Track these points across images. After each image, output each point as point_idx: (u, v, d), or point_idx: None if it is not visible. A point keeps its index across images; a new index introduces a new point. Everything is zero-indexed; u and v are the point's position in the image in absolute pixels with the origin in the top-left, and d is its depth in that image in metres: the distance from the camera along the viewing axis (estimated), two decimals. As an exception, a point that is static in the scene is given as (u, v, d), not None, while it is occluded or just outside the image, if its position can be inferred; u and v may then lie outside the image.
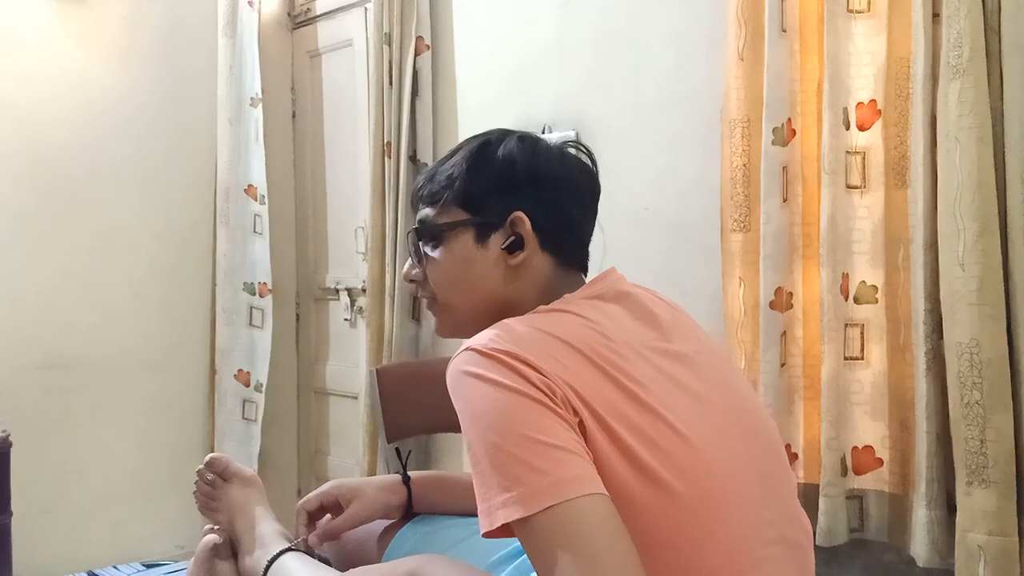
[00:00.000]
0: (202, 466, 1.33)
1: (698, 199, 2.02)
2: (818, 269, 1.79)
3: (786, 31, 1.79)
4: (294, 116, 3.29)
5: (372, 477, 1.33)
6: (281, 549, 1.16)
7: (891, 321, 1.71)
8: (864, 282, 1.73)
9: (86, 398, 2.83)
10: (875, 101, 1.71)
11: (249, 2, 3.03)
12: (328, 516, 1.27)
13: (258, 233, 3.04)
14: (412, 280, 1.07)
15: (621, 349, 0.87)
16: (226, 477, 1.32)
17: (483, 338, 0.86)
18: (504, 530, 0.78)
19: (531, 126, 2.33)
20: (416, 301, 2.61)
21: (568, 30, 2.32)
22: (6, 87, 2.69)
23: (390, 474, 1.34)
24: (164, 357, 2.99)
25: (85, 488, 2.82)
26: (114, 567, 2.83)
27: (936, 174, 1.58)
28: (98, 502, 2.85)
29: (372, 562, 1.21)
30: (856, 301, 1.73)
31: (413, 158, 2.64)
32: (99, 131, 2.85)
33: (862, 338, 1.73)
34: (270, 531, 1.21)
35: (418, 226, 1.04)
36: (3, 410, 2.56)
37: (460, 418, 0.83)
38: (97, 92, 2.85)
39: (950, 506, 1.60)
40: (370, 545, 1.29)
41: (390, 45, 2.64)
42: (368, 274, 2.73)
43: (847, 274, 1.73)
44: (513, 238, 0.98)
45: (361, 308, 2.97)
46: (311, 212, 3.25)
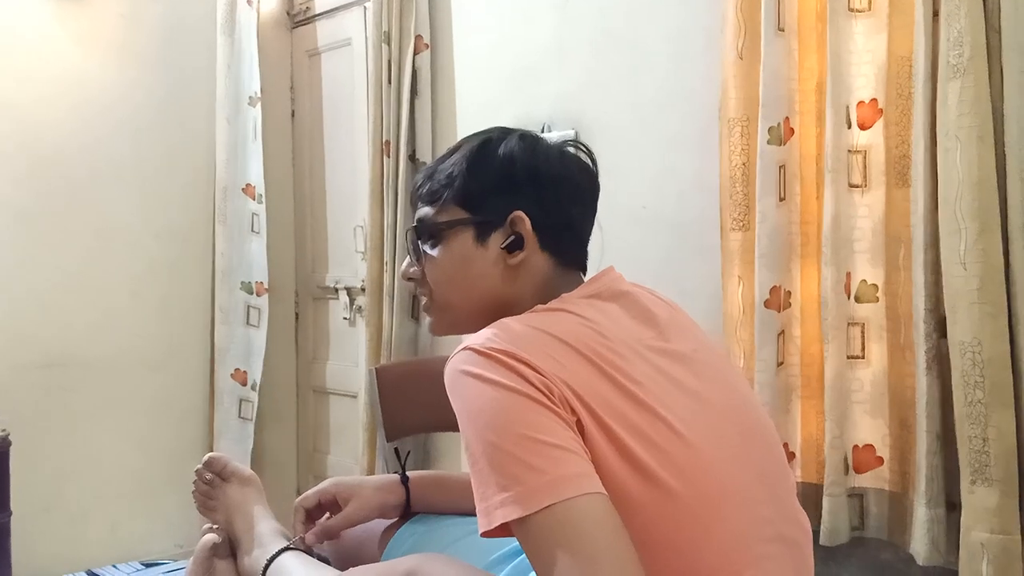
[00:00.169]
0: (200, 465, 1.33)
1: (697, 198, 2.02)
2: (816, 268, 1.80)
3: (784, 30, 1.79)
4: (293, 115, 3.29)
5: (370, 476, 1.33)
6: (280, 548, 1.15)
7: (891, 320, 1.71)
8: (865, 281, 1.73)
9: (85, 397, 2.83)
10: (876, 100, 1.71)
11: (248, 1, 3.03)
12: (327, 515, 1.27)
13: (255, 232, 3.04)
14: (410, 278, 1.07)
15: (619, 348, 0.87)
16: (224, 476, 1.31)
17: (481, 337, 0.86)
18: (502, 529, 0.78)
19: (530, 125, 2.32)
20: (415, 300, 2.60)
21: (567, 29, 2.32)
22: (5, 86, 2.68)
23: (389, 474, 1.34)
24: (163, 356, 2.99)
25: (84, 487, 2.82)
26: (113, 566, 2.83)
27: (937, 173, 1.59)
28: (97, 501, 2.85)
29: (371, 561, 1.21)
30: (857, 300, 1.73)
31: (412, 157, 2.64)
32: (97, 130, 2.85)
33: (863, 337, 1.73)
34: (269, 530, 1.21)
35: (417, 224, 1.04)
36: (2, 409, 2.56)
37: (458, 417, 0.83)
38: (95, 91, 2.85)
39: (950, 504, 1.60)
40: (369, 544, 1.29)
41: (389, 44, 2.64)
42: (367, 273, 2.73)
43: (849, 273, 1.73)
44: (513, 237, 0.98)
45: (360, 307, 2.97)
46: (310, 211, 3.25)
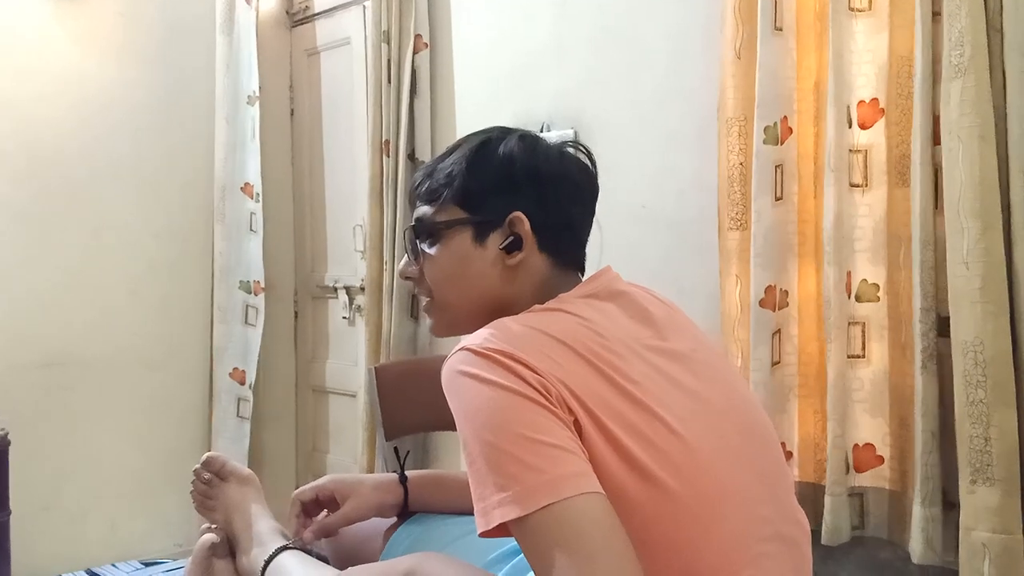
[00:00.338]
0: (198, 465, 1.33)
1: (696, 197, 2.02)
2: (814, 267, 1.80)
3: (781, 29, 1.79)
4: (292, 114, 3.29)
5: (369, 475, 1.32)
6: (278, 547, 1.15)
7: (892, 319, 1.71)
8: (865, 280, 1.73)
9: (84, 396, 2.83)
10: (877, 100, 1.71)
11: (247, 0, 3.03)
12: (324, 511, 1.27)
13: (254, 231, 3.04)
14: (408, 277, 1.06)
15: (616, 347, 0.87)
16: (223, 476, 1.31)
17: (478, 337, 0.86)
18: (501, 529, 0.78)
19: (529, 124, 2.33)
20: (415, 299, 2.60)
21: (566, 28, 2.32)
22: (3, 85, 2.68)
23: (387, 473, 1.34)
24: (162, 355, 2.99)
25: (83, 486, 2.82)
26: (112, 565, 2.83)
27: (936, 172, 1.59)
28: (96, 500, 2.85)
29: (370, 560, 1.21)
30: (857, 299, 1.74)
31: (411, 156, 2.64)
32: (96, 129, 2.85)
33: (863, 336, 1.73)
34: (267, 529, 1.21)
35: (415, 224, 1.04)
36: (1, 408, 2.56)
37: (455, 417, 0.83)
38: (94, 90, 2.85)
39: (947, 503, 1.60)
40: (368, 543, 1.28)
41: (388, 43, 2.64)
42: (367, 272, 2.73)
43: (849, 272, 1.73)
44: (512, 238, 0.98)
45: (360, 306, 2.97)
46: (309, 210, 3.24)
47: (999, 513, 1.46)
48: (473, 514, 0.80)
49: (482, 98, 2.57)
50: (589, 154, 1.06)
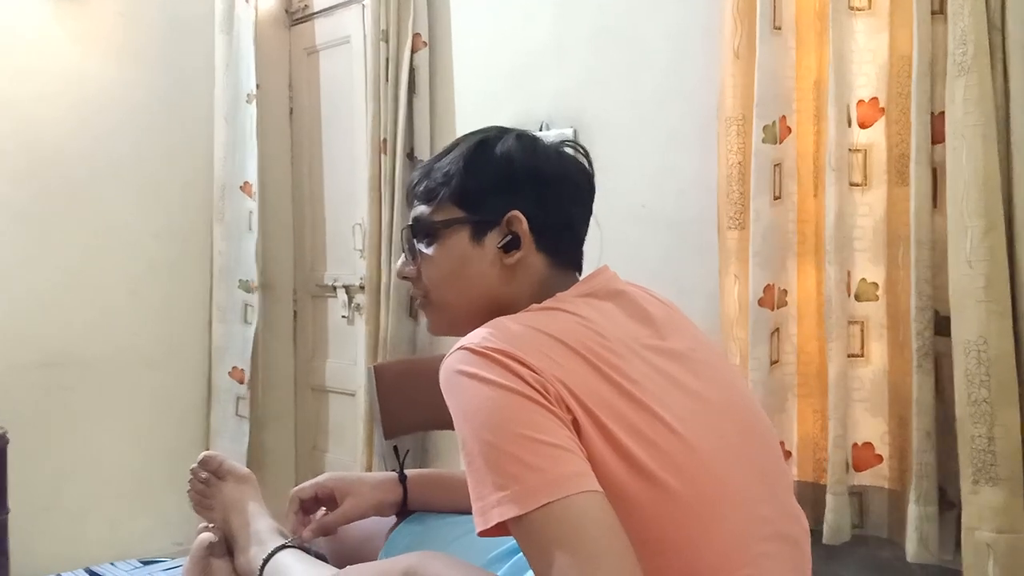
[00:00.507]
0: (196, 464, 1.32)
1: (695, 196, 2.02)
2: (814, 266, 1.80)
3: (780, 28, 1.79)
4: (291, 113, 3.29)
5: (369, 473, 1.32)
6: (277, 546, 1.15)
7: (891, 318, 1.71)
8: (865, 279, 1.73)
9: (84, 396, 2.83)
10: (877, 99, 1.71)
11: (246, -1, 3.03)
12: (323, 509, 1.27)
13: (252, 231, 3.04)
14: (405, 277, 1.06)
15: (615, 347, 0.87)
16: (220, 475, 1.31)
17: (476, 337, 0.85)
18: (499, 528, 0.78)
19: (528, 123, 2.33)
20: (414, 299, 2.60)
21: (565, 27, 2.32)
22: (3, 85, 2.68)
23: (387, 471, 1.34)
24: (162, 355, 2.99)
25: (83, 485, 2.82)
26: (111, 564, 2.83)
27: (935, 172, 1.59)
28: (96, 499, 2.85)
29: (370, 558, 1.21)
30: (857, 298, 1.74)
31: (410, 155, 2.63)
32: (96, 128, 2.85)
33: (862, 335, 1.73)
34: (266, 528, 1.21)
35: (413, 223, 1.03)
36: (1, 408, 2.56)
37: (454, 417, 0.83)
38: (94, 89, 2.85)
39: (945, 502, 1.60)
40: (367, 542, 1.28)
41: (387, 42, 2.63)
42: (366, 271, 2.73)
43: (849, 271, 1.73)
44: (509, 237, 0.98)
45: (359, 305, 2.97)
46: (309, 209, 3.24)
47: (1003, 512, 1.46)
48: (472, 513, 0.80)
49: (481, 97, 2.57)
50: (586, 154, 1.06)
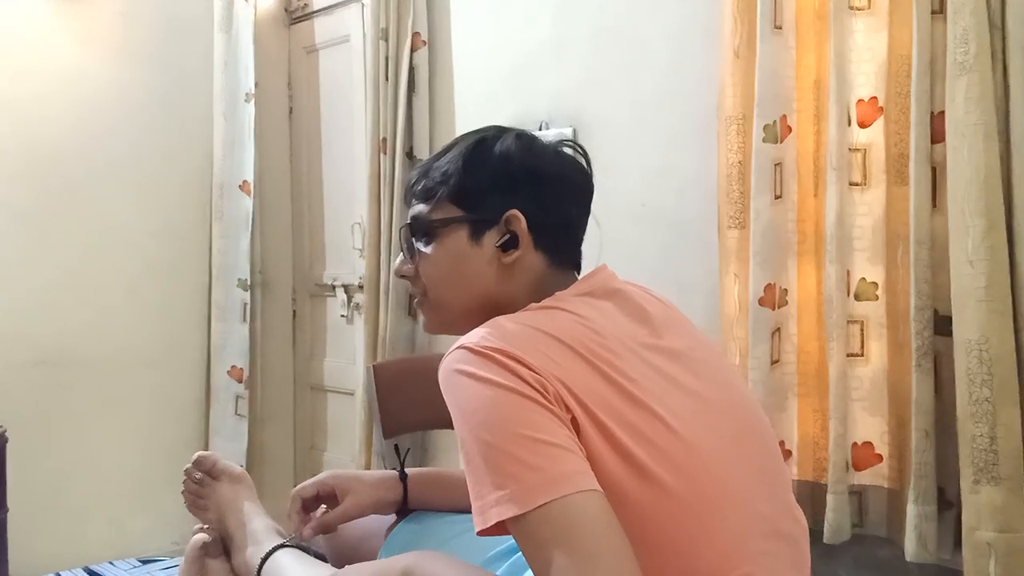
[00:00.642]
0: (189, 465, 1.32)
1: (695, 195, 2.02)
2: (814, 266, 1.80)
3: (781, 28, 1.79)
4: (291, 112, 3.28)
5: (369, 471, 1.32)
6: (275, 545, 1.15)
7: (891, 317, 1.71)
8: (864, 279, 1.73)
9: (82, 395, 2.83)
10: (876, 98, 1.71)
11: (245, -3, 3.03)
12: (323, 507, 1.27)
13: (251, 229, 3.04)
14: (403, 276, 1.06)
15: (613, 345, 0.87)
16: (214, 475, 1.31)
17: (475, 336, 0.85)
18: (498, 528, 0.78)
19: (528, 122, 2.33)
20: (412, 298, 2.60)
21: (565, 26, 2.32)
22: (1, 83, 2.68)
23: (388, 470, 1.34)
24: (160, 354, 2.98)
25: (82, 484, 2.82)
26: (110, 563, 2.83)
27: (934, 171, 1.58)
28: (95, 498, 2.85)
29: (369, 558, 1.21)
30: (856, 298, 1.73)
31: (409, 154, 2.63)
32: (95, 127, 2.85)
33: (862, 335, 1.73)
34: (262, 527, 1.21)
35: (411, 222, 1.03)
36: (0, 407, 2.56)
37: (453, 416, 0.83)
38: (93, 88, 2.84)
39: (943, 502, 1.60)
40: (366, 541, 1.28)
41: (387, 41, 2.63)
42: (365, 270, 2.72)
43: (848, 271, 1.73)
44: (508, 236, 0.97)
45: (358, 304, 2.97)
46: (307, 208, 3.24)
47: (1004, 512, 1.46)
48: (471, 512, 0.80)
49: (481, 96, 2.57)
50: (585, 154, 1.06)
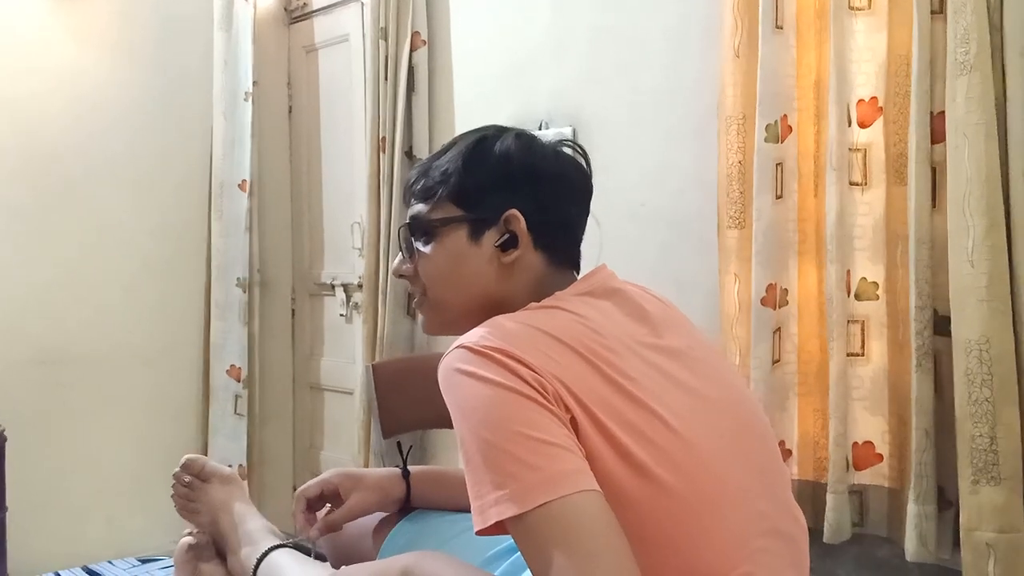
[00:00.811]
0: (178, 469, 1.32)
1: (694, 195, 2.02)
2: (815, 265, 1.80)
3: (782, 28, 1.79)
4: (290, 111, 3.28)
5: (372, 469, 1.32)
6: (272, 545, 1.15)
7: (891, 317, 1.71)
8: (865, 278, 1.73)
9: (80, 393, 2.83)
10: (876, 98, 1.71)
11: (244, -4, 3.02)
12: (327, 506, 1.27)
13: (250, 228, 3.03)
14: (402, 275, 1.06)
15: (612, 345, 0.87)
16: (204, 477, 1.31)
17: (474, 335, 0.85)
18: (497, 527, 0.78)
19: (527, 121, 2.32)
20: (411, 297, 2.60)
21: (564, 25, 2.32)
22: (0, 82, 2.68)
23: (390, 467, 1.34)
24: (158, 352, 2.98)
25: (80, 483, 2.82)
26: (109, 562, 2.83)
27: (934, 171, 1.58)
28: (93, 497, 2.84)
29: (368, 557, 1.21)
30: (857, 298, 1.73)
31: (409, 153, 2.63)
32: (93, 126, 2.84)
33: (862, 334, 1.73)
34: (257, 527, 1.21)
35: (410, 221, 1.03)
36: (-3, 406, 2.56)
37: (452, 415, 0.83)
38: (91, 86, 2.84)
39: (943, 501, 1.60)
40: (366, 540, 1.28)
41: (386, 40, 2.63)
42: (365, 270, 2.72)
43: (849, 270, 1.73)
44: (507, 236, 0.97)
45: (357, 304, 2.97)
46: (307, 207, 3.24)
47: (1004, 512, 1.45)
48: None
49: (480, 96, 2.57)
50: (584, 154, 1.06)
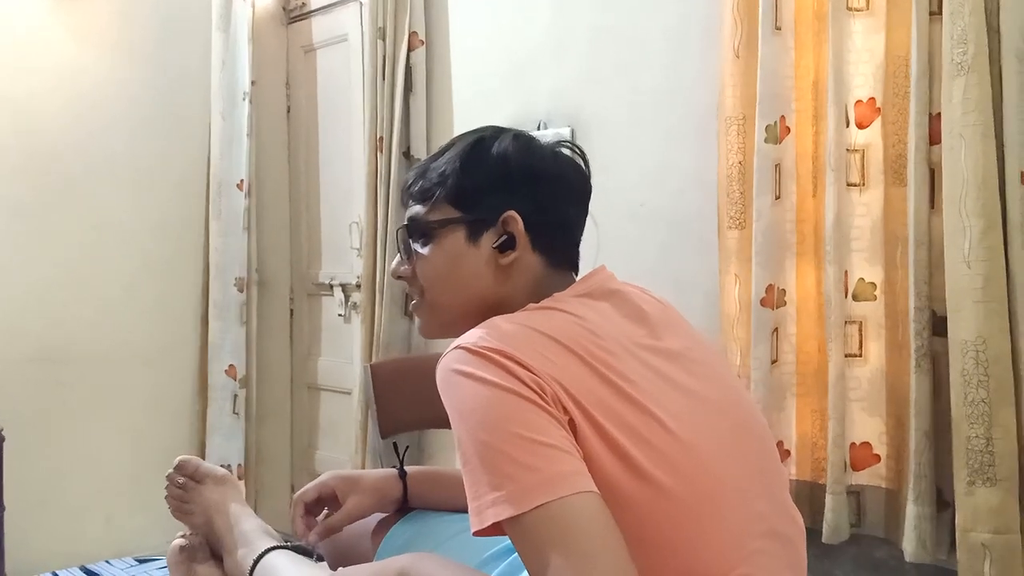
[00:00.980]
0: (171, 470, 1.32)
1: (694, 195, 2.02)
2: (813, 266, 1.80)
3: (781, 29, 1.79)
4: (288, 111, 3.28)
5: (369, 471, 1.32)
6: (268, 547, 1.14)
7: (889, 318, 1.71)
8: (863, 279, 1.73)
9: (79, 392, 2.83)
10: (874, 99, 1.71)
11: (243, -4, 3.02)
12: (325, 510, 1.27)
13: (248, 228, 3.03)
14: (400, 277, 1.06)
15: (611, 346, 0.87)
16: (197, 479, 1.31)
17: (472, 336, 0.85)
18: (495, 528, 0.77)
19: (526, 122, 2.32)
20: (409, 297, 2.59)
21: (563, 25, 2.32)
22: (0, 81, 2.67)
23: (387, 468, 1.34)
24: (156, 351, 2.98)
25: (78, 482, 2.81)
26: (107, 562, 2.83)
27: (932, 172, 1.59)
28: (91, 496, 2.84)
29: (366, 558, 1.21)
30: (855, 298, 1.74)
31: (406, 153, 2.63)
32: (92, 125, 2.84)
33: (860, 335, 1.73)
34: (252, 528, 1.20)
35: (408, 223, 1.03)
36: (-5, 405, 2.56)
37: (450, 416, 0.83)
38: (90, 85, 2.84)
39: (941, 502, 1.60)
40: (364, 541, 1.28)
41: (384, 40, 2.63)
42: (363, 270, 2.72)
43: (846, 271, 1.73)
44: (505, 237, 0.97)
45: (355, 303, 2.96)
46: (305, 207, 3.24)
47: (1000, 513, 1.46)
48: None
49: (478, 96, 2.57)
50: (582, 154, 1.06)
